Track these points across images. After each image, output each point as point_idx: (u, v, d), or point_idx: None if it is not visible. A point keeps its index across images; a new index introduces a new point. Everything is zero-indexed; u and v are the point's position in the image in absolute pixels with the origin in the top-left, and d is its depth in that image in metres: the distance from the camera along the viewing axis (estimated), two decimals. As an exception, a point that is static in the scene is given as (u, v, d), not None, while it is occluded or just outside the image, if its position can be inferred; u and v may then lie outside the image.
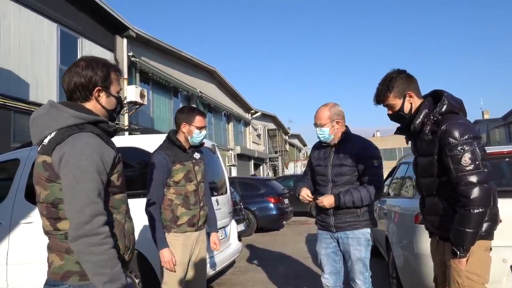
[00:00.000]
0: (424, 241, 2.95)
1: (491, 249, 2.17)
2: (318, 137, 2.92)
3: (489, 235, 2.13)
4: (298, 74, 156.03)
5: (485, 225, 2.08)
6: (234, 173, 20.42)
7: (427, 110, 2.19)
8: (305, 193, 2.94)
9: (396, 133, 2.43)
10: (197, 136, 2.94)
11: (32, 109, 7.62)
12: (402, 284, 3.68)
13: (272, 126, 31.50)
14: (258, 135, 27.92)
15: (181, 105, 15.80)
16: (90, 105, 1.67)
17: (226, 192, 5.41)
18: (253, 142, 26.67)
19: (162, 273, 2.88)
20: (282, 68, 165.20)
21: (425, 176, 2.28)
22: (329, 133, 2.86)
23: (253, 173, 24.60)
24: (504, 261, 2.88)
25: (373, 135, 57.55)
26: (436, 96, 2.25)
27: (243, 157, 23.20)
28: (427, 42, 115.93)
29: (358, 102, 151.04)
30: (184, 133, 2.94)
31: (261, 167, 28.05)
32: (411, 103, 2.25)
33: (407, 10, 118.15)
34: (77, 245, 1.45)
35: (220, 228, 4.84)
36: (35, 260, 3.82)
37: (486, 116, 39.57)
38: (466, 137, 2.03)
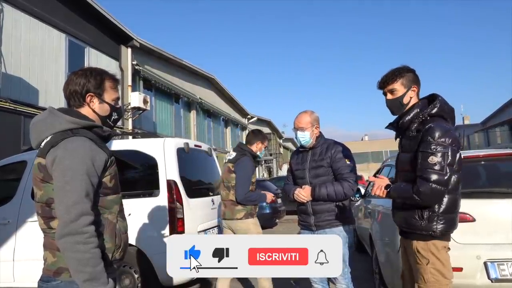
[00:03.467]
0: (404, 239, 2.94)
1: (449, 248, 2.17)
2: (299, 141, 2.95)
3: (444, 236, 2.12)
4: (293, 81, 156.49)
5: (440, 227, 2.08)
6: (231, 174, 20.34)
7: (418, 110, 2.18)
8: (298, 191, 2.90)
9: (387, 127, 2.40)
10: (261, 153, 3.81)
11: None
12: (384, 278, 3.67)
13: (267, 130, 31.49)
14: (254, 139, 27.88)
15: (182, 111, 15.86)
16: (85, 110, 1.66)
17: (221, 192, 5.40)
18: (249, 145, 26.63)
19: (160, 269, 2.86)
20: (278, 76, 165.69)
21: (403, 171, 2.27)
22: (310, 136, 2.92)
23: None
24: (478, 257, 2.86)
25: (362, 139, 57.62)
26: (431, 99, 2.24)
27: (240, 159, 23.14)
28: (411, 48, 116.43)
29: (348, 109, 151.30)
30: (257, 148, 3.70)
31: (256, 168, 27.99)
32: (410, 97, 2.24)
33: (393, 16, 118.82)
34: (63, 243, 1.43)
35: (215, 227, 4.82)
36: (39, 257, 3.76)
37: (466, 122, 39.69)
38: (443, 139, 2.02)
